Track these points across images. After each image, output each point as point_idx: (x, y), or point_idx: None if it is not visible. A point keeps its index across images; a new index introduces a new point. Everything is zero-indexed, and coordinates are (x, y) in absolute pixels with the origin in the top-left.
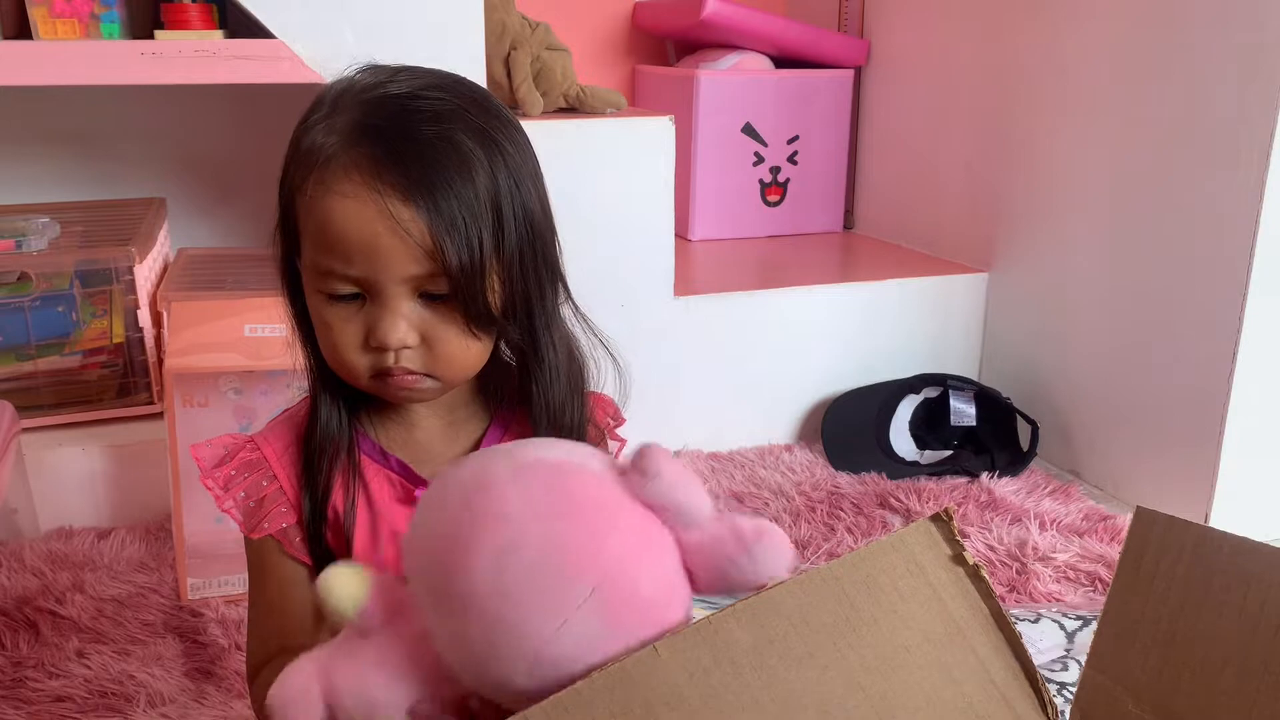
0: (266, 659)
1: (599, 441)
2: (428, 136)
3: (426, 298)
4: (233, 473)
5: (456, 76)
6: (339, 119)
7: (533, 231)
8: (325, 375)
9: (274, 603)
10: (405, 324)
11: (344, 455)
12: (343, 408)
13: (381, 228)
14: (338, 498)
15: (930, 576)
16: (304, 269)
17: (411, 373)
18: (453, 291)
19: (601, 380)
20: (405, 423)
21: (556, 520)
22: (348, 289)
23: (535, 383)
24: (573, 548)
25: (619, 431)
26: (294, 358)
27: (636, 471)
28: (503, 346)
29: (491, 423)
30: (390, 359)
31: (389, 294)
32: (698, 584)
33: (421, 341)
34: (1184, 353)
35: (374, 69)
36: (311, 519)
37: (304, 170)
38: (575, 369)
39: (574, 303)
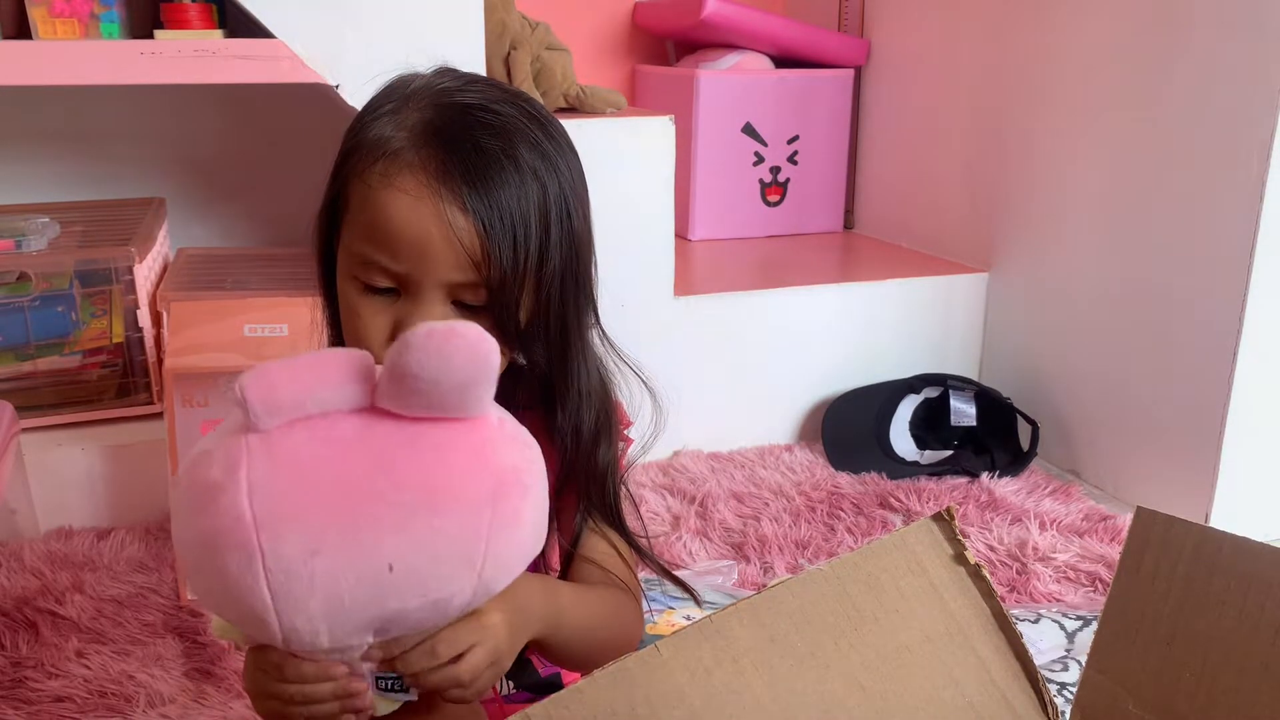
0: None
1: (619, 452)
2: (494, 150)
3: (459, 305)
4: None
5: (520, 92)
6: (410, 116)
7: (576, 253)
8: None
9: None
10: None
11: None
12: None
13: (435, 230)
14: None
15: (932, 576)
16: (344, 253)
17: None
18: (488, 304)
19: (632, 405)
20: None
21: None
22: (386, 283)
23: (562, 408)
24: (217, 528)
25: (626, 433)
26: (316, 339)
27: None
28: (519, 356)
29: None
30: None
31: (426, 295)
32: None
33: None
34: (1184, 352)
35: (448, 73)
36: None
37: (368, 159)
38: (606, 397)
39: (602, 329)
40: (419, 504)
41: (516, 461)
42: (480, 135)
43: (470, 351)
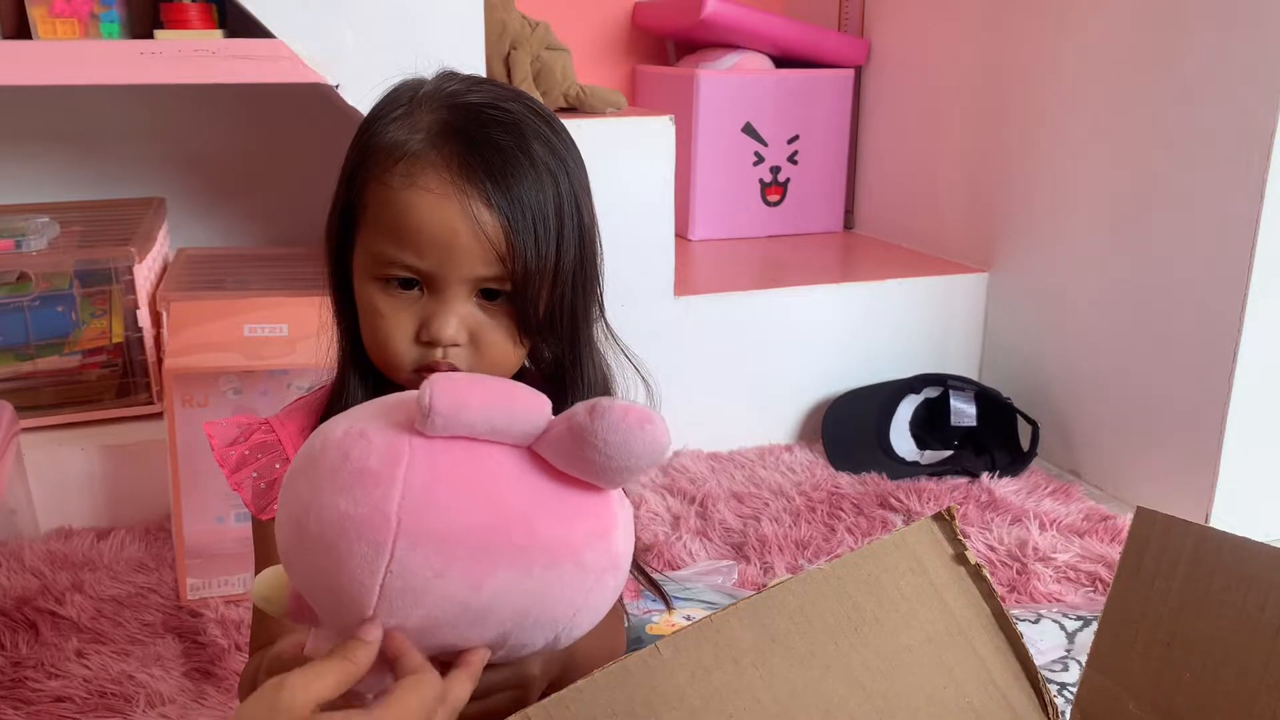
0: (267, 641)
1: None
2: (509, 146)
3: (481, 298)
4: (246, 452)
5: (521, 91)
6: (423, 118)
7: (585, 246)
8: (356, 363)
9: None
10: (458, 321)
11: None
12: (369, 395)
13: (462, 226)
14: None
15: (932, 576)
16: (362, 256)
17: (455, 372)
18: (512, 295)
19: (630, 399)
20: None
21: (338, 493)
22: (408, 277)
23: (571, 401)
24: (358, 516)
25: None
26: (326, 345)
27: (420, 412)
28: (526, 363)
29: None
30: (438, 354)
31: (451, 291)
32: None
33: (469, 341)
34: (1184, 352)
35: (453, 76)
36: None
37: (386, 162)
38: (608, 391)
39: (606, 322)
40: (543, 557)
41: (625, 550)
42: (496, 132)
43: (654, 444)
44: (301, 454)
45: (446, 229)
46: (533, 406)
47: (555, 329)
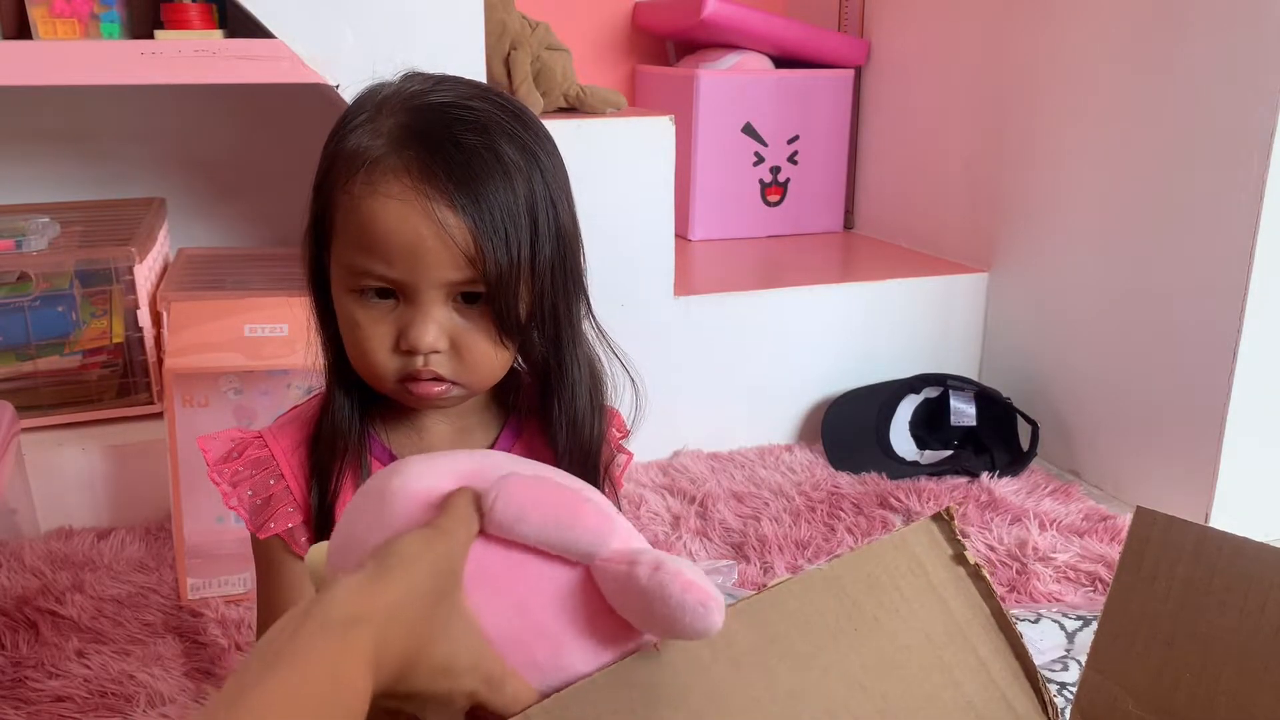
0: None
1: (610, 456)
2: (473, 145)
3: (460, 303)
4: (240, 469)
5: (493, 88)
6: (385, 122)
7: (564, 244)
8: (342, 375)
9: (279, 603)
10: (437, 328)
11: (353, 455)
12: (356, 408)
13: (426, 231)
14: (345, 497)
15: (931, 576)
16: (336, 267)
17: (439, 380)
18: (488, 298)
19: (618, 395)
20: (415, 428)
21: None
22: (383, 287)
23: (557, 398)
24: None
25: (624, 444)
26: (312, 357)
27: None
28: (518, 360)
29: (503, 431)
30: (419, 362)
31: (425, 297)
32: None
33: (450, 347)
34: (1184, 352)
35: (416, 76)
36: (318, 518)
37: (348, 170)
38: (597, 385)
39: (595, 318)
40: (554, 679)
41: None
42: (459, 132)
43: (704, 624)
44: (379, 477)
45: (411, 235)
46: (595, 528)
47: (539, 328)
